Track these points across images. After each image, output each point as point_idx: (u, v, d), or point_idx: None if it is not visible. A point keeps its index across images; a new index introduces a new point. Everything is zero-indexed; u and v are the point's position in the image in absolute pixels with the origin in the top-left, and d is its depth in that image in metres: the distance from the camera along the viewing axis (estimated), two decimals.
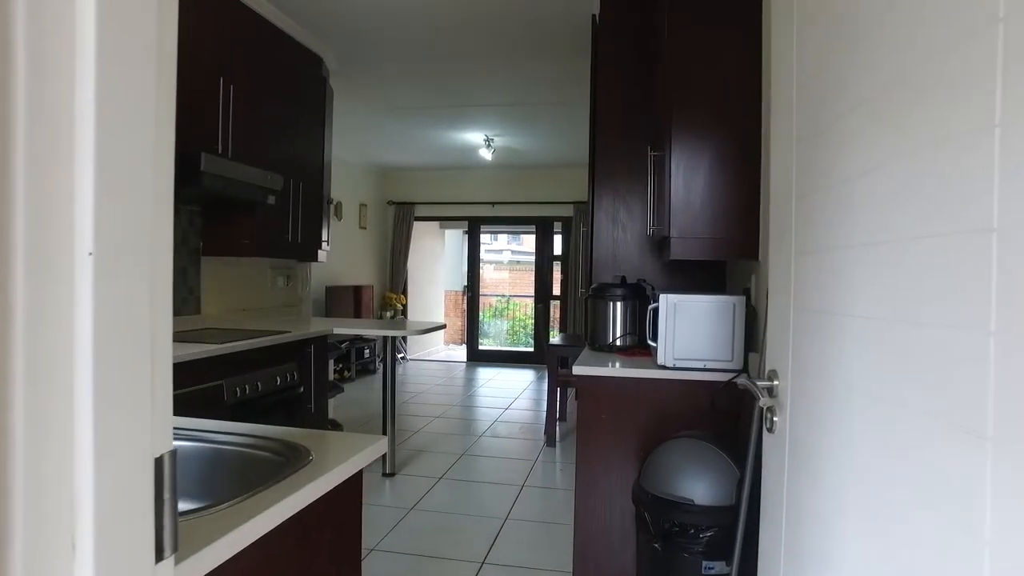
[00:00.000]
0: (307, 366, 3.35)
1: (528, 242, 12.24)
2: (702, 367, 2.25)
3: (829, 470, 1.01)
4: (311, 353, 3.37)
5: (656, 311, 2.33)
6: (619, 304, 2.76)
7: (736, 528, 1.87)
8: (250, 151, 3.21)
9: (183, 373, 2.44)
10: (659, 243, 2.78)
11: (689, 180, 2.26)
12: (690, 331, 2.25)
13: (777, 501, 1.24)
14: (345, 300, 7.62)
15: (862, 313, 0.89)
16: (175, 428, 1.23)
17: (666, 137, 2.33)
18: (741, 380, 1.37)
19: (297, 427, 3.03)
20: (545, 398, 6.63)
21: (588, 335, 2.92)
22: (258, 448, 1.18)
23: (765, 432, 1.32)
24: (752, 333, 2.25)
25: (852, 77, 0.92)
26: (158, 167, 0.58)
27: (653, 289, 2.81)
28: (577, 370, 2.33)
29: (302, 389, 3.30)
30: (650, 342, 2.42)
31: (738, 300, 2.23)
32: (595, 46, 3.13)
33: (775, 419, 1.25)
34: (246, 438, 1.20)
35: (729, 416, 2.22)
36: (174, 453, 0.61)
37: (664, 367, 2.27)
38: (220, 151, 2.98)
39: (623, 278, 2.88)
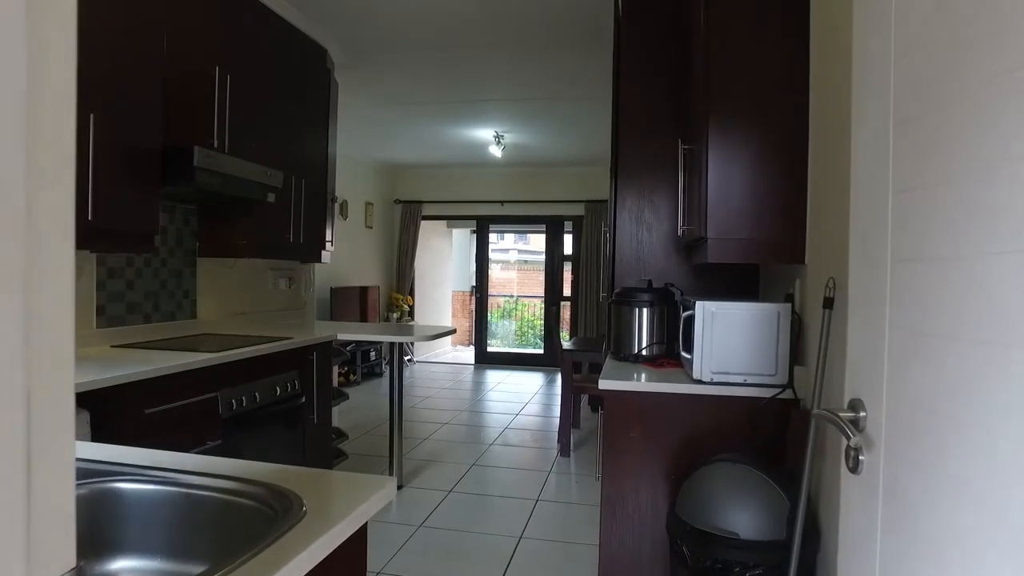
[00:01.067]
0: (309, 374, 3.15)
1: (535, 241, 12.03)
2: (742, 382, 2.04)
3: (952, 538, 0.79)
4: (314, 360, 3.17)
5: (691, 320, 2.12)
6: (645, 310, 2.55)
7: (788, 567, 1.66)
8: (248, 146, 3.02)
9: (173, 385, 2.24)
10: (690, 245, 2.56)
11: (728, 176, 2.05)
12: (729, 342, 2.04)
13: (864, 562, 1.02)
14: (351, 302, 7.43)
15: (1019, 342, 0.67)
16: (141, 467, 1.03)
17: (702, 129, 2.12)
18: (819, 412, 1.16)
19: (298, 439, 2.82)
20: (556, 403, 6.44)
21: (611, 343, 2.71)
22: (241, 495, 0.97)
23: (845, 470, 1.11)
24: (798, 344, 2.04)
25: (1003, 29, 0.71)
26: (36, 127, 0.38)
27: (682, 294, 2.60)
28: (604, 384, 2.12)
29: (304, 399, 3.10)
30: (683, 353, 2.21)
31: (782, 308, 2.02)
32: (618, 32, 2.91)
33: (861, 458, 1.04)
34: (227, 481, 1.00)
35: (773, 437, 2.00)
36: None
37: (700, 381, 2.06)
38: (215, 145, 2.78)
39: (649, 282, 2.67)
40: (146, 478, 1.02)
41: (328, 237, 4.01)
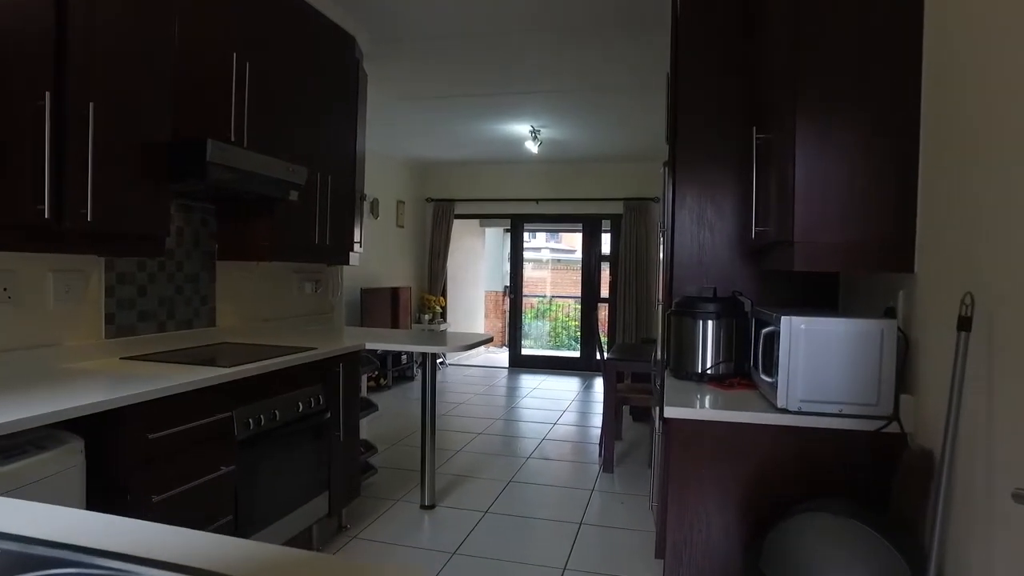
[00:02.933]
0: (335, 387, 2.91)
1: (567, 240, 11.71)
2: (836, 412, 1.71)
3: None
4: (340, 372, 2.93)
5: (772, 337, 1.80)
6: (711, 323, 2.24)
7: None
8: (269, 140, 2.78)
9: (181, 406, 2.01)
10: (764, 249, 2.24)
11: (819, 169, 1.72)
12: (821, 365, 1.72)
13: None
14: (382, 303, 7.22)
15: None
16: (89, 555, 0.77)
17: (786, 113, 1.80)
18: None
19: (323, 458, 2.57)
20: (595, 411, 6.13)
21: (669, 358, 2.40)
22: None
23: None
24: (904, 369, 1.71)
25: None
26: None
27: (753, 305, 2.28)
28: (672, 412, 1.82)
29: (329, 415, 2.86)
30: (762, 376, 1.89)
31: (886, 325, 1.69)
32: (676, 7, 2.59)
33: None
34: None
35: (877, 481, 1.67)
36: None
37: (785, 410, 1.75)
38: (232, 139, 2.55)
39: (714, 290, 2.35)
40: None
41: (356, 237, 3.77)
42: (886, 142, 1.69)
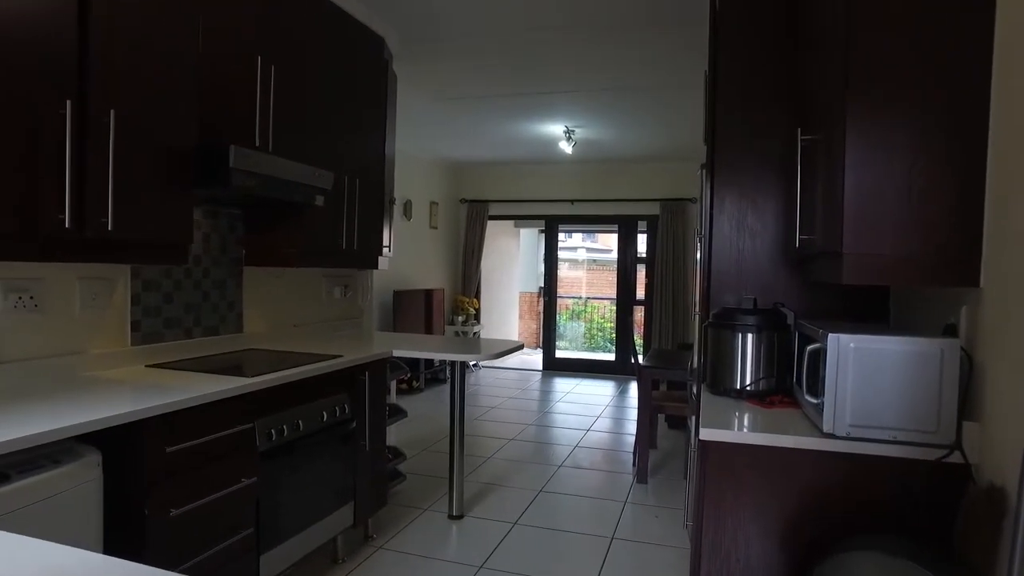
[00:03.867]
0: (361, 396, 2.85)
1: (604, 239, 11.54)
2: (890, 439, 1.57)
3: None
4: (366, 381, 2.87)
5: (817, 355, 1.67)
6: (751, 336, 2.10)
7: None
8: (295, 144, 2.74)
9: (202, 417, 1.97)
10: (808, 258, 2.10)
11: (872, 173, 1.58)
12: (872, 387, 1.58)
13: None
14: (415, 305, 7.20)
15: None
16: None
17: (835, 112, 1.67)
18: None
19: (348, 468, 2.50)
20: (629, 416, 5.99)
21: (706, 372, 2.27)
22: None
23: None
24: (969, 393, 1.56)
25: None
26: None
27: (796, 317, 2.13)
28: (708, 434, 1.70)
29: (355, 423, 2.81)
30: (806, 397, 1.76)
31: (947, 345, 1.54)
32: (715, 2, 2.46)
33: None
34: None
35: (937, 517, 1.53)
36: None
37: (831, 435, 1.61)
38: (257, 144, 2.52)
39: (754, 301, 2.22)
40: None
41: (385, 241, 3.72)
42: (948, 142, 1.54)
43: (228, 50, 2.42)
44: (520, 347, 3.65)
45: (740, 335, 2.10)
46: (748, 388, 2.09)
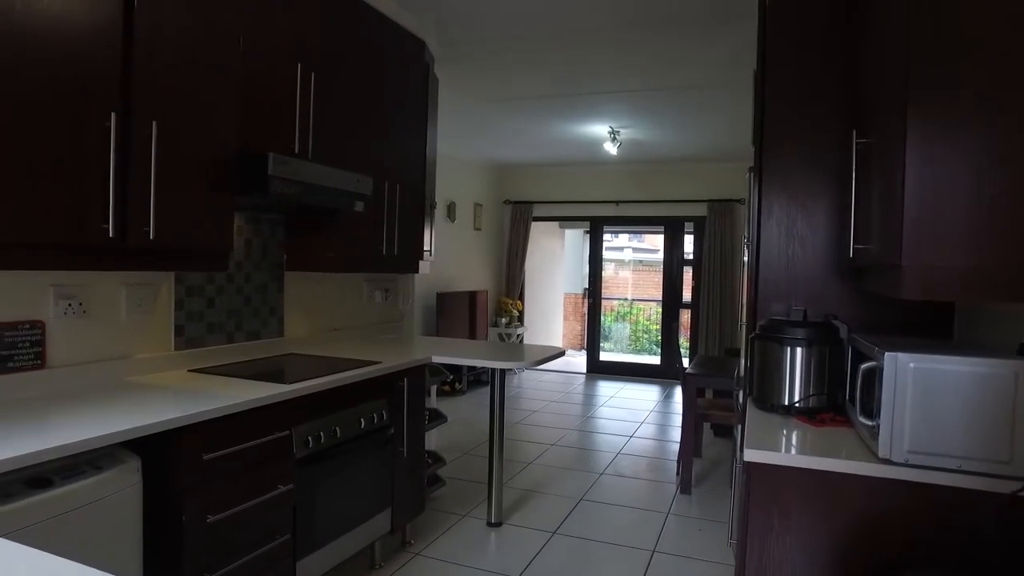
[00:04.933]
0: (400, 402, 2.84)
1: (651, 239, 11.34)
2: (956, 467, 1.45)
3: None
4: (404, 387, 2.86)
5: (873, 374, 1.56)
6: (800, 350, 1.99)
7: None
8: (335, 151, 2.75)
9: (239, 425, 1.98)
10: (864, 268, 1.98)
11: (936, 178, 1.46)
12: (935, 411, 1.46)
13: None
14: (459, 307, 7.21)
15: None
16: None
17: (894, 111, 1.55)
18: None
19: (386, 474, 2.49)
20: (674, 423, 5.84)
21: (751, 386, 2.17)
22: None
23: None
24: None
25: None
26: None
27: (850, 331, 2.01)
28: (753, 456, 1.61)
29: (393, 430, 2.80)
30: (860, 419, 1.65)
31: (1021, 367, 1.41)
32: None
33: None
34: None
35: (1009, 555, 1.41)
36: None
37: (888, 461, 1.50)
38: (297, 151, 2.53)
39: (804, 312, 2.10)
40: None
41: (426, 246, 3.71)
42: None
43: (269, 60, 2.44)
44: (561, 354, 3.58)
45: (789, 348, 2.00)
46: (797, 405, 1.98)
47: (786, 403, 2.00)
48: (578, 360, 9.25)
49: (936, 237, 1.46)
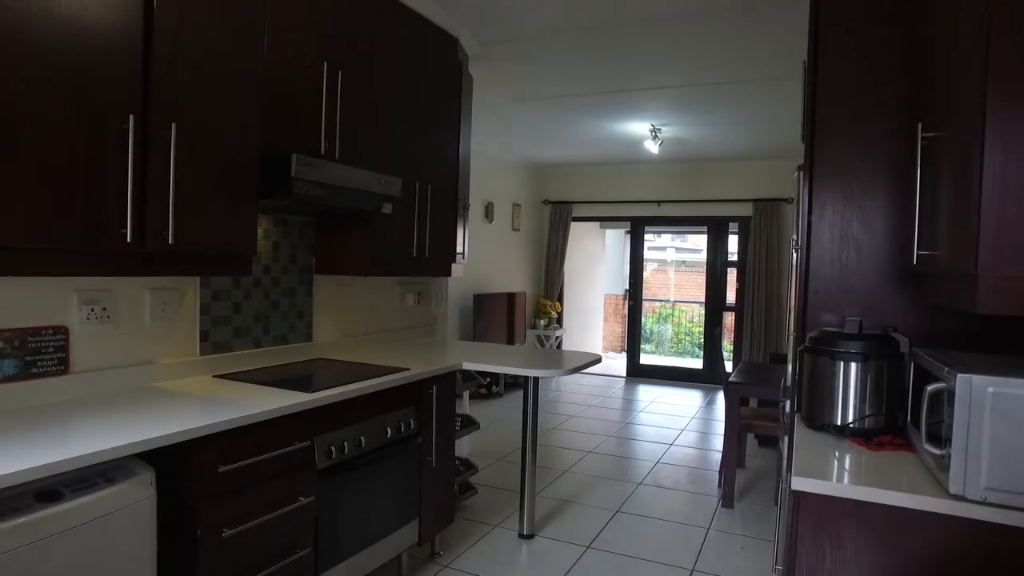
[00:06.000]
0: (428, 410, 2.76)
1: (694, 239, 11.06)
2: None
3: None
4: (433, 395, 2.77)
5: (941, 397, 1.39)
6: (855, 365, 1.82)
7: None
8: (364, 151, 2.68)
9: (257, 436, 1.92)
10: (929, 276, 1.79)
11: (1020, 177, 1.29)
12: (1019, 442, 1.29)
13: None
14: (497, 309, 7.12)
15: None
16: None
17: (970, 103, 1.38)
18: None
19: (413, 484, 2.41)
20: (716, 430, 5.63)
21: (801, 402, 2.00)
22: None
23: None
24: None
25: None
26: None
27: (911, 345, 1.83)
28: (801, 484, 1.46)
29: (421, 439, 2.71)
30: (926, 445, 1.48)
31: None
32: None
33: None
34: None
35: None
36: None
37: (962, 498, 1.33)
38: (323, 151, 2.46)
39: (859, 324, 1.93)
40: None
41: (459, 248, 3.62)
42: None
43: (294, 59, 2.38)
44: (598, 360, 3.45)
45: (843, 363, 1.83)
46: (851, 425, 1.81)
47: (839, 423, 1.83)
48: (618, 363, 9.07)
49: (1018, 245, 1.29)
